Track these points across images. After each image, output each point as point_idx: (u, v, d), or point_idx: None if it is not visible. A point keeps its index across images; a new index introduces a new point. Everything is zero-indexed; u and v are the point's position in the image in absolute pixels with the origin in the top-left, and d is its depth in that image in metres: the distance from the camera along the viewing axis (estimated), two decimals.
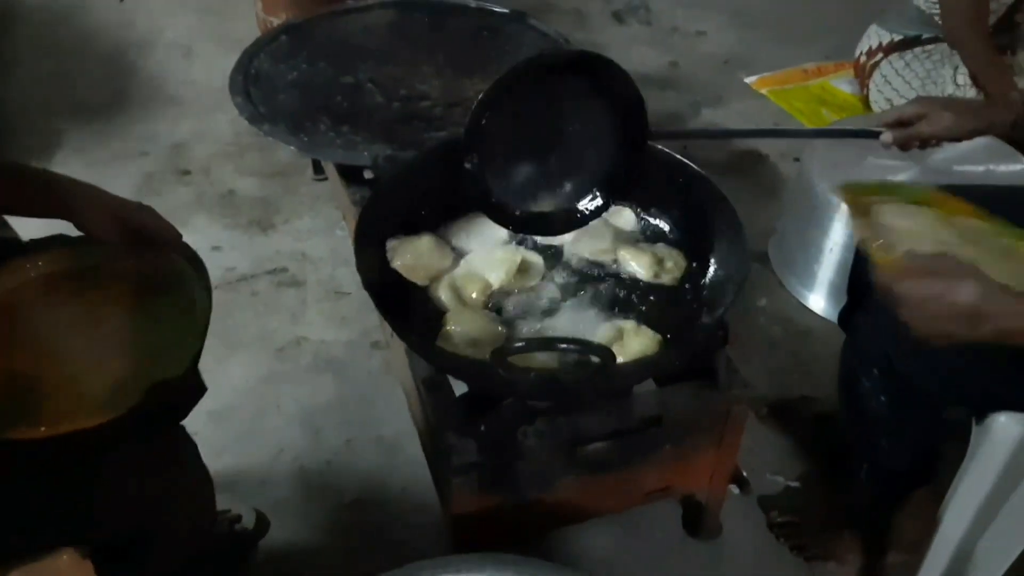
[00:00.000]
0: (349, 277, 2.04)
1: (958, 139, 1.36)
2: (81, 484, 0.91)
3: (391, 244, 1.34)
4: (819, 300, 2.00)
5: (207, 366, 1.03)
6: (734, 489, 1.51)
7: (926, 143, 1.35)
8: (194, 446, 1.16)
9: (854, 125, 2.25)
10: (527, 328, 1.27)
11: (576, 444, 1.26)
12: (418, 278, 1.32)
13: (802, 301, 2.02)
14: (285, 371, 1.83)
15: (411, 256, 1.33)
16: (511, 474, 1.26)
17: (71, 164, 2.36)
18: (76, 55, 2.82)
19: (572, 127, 1.26)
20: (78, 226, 1.09)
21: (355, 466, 1.65)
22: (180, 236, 1.10)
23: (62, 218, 1.08)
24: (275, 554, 1.48)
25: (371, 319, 1.92)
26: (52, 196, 1.07)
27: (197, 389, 1.16)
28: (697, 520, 1.53)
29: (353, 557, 1.50)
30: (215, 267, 1.76)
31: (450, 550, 1.33)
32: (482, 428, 1.19)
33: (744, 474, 1.48)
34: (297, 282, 2.04)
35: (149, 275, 1.09)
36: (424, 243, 1.35)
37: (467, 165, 1.21)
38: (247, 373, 1.81)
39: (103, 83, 2.69)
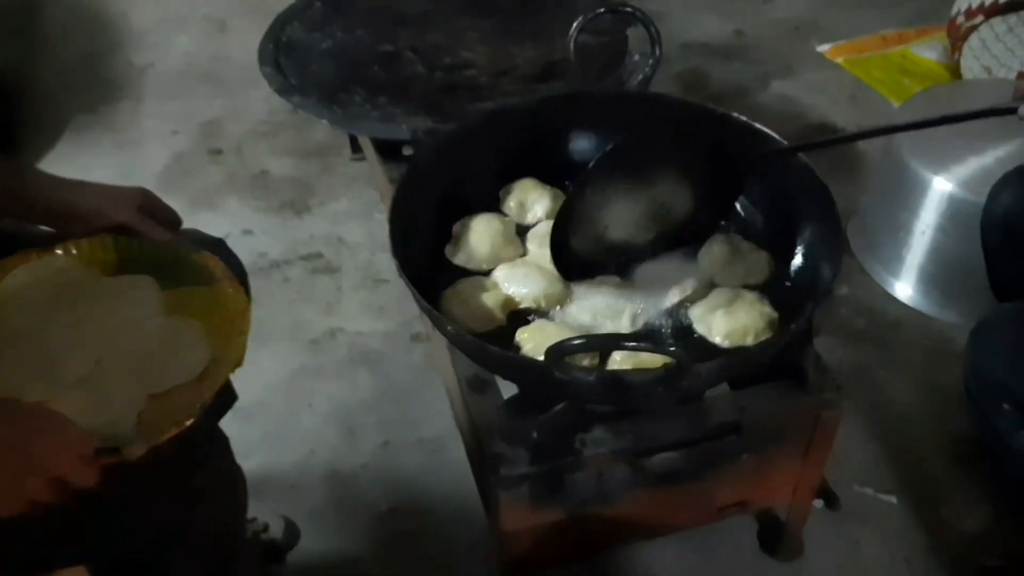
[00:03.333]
0: (388, 263, 1.90)
1: None
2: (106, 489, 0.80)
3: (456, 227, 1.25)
4: (907, 288, 1.80)
5: None
6: (818, 504, 1.33)
7: None
8: (226, 441, 1.06)
9: (943, 94, 2.07)
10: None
11: (640, 454, 1.11)
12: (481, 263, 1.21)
13: (888, 289, 1.82)
14: (318, 365, 1.71)
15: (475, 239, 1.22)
16: (567, 487, 1.11)
17: (103, 143, 2.28)
18: (109, 32, 2.72)
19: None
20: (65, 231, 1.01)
21: (393, 470, 1.52)
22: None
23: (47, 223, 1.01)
24: (305, 567, 1.38)
25: (411, 309, 1.79)
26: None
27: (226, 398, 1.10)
28: (776, 537, 1.36)
29: (390, 573, 1.38)
30: (245, 252, 1.66)
31: (499, 570, 1.20)
32: (534, 435, 1.04)
33: (832, 488, 1.30)
34: (332, 268, 1.92)
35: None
36: (492, 225, 1.23)
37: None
38: (277, 367, 1.69)
39: (135, 60, 2.60)
